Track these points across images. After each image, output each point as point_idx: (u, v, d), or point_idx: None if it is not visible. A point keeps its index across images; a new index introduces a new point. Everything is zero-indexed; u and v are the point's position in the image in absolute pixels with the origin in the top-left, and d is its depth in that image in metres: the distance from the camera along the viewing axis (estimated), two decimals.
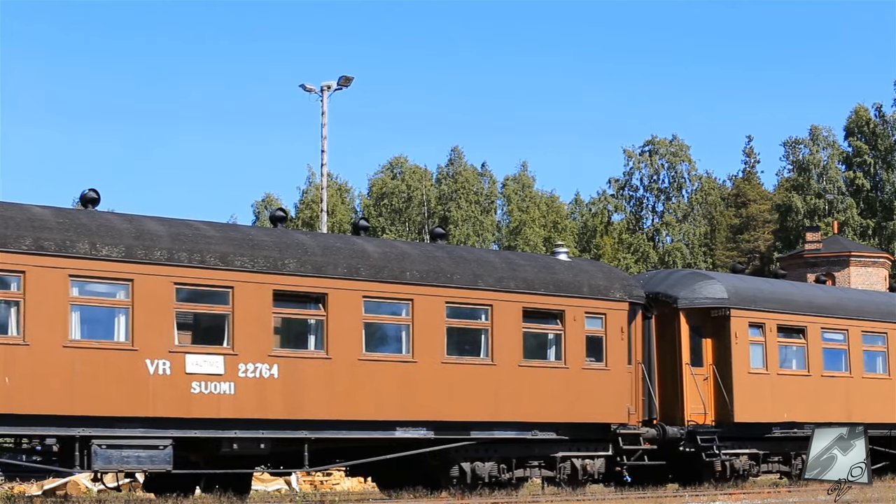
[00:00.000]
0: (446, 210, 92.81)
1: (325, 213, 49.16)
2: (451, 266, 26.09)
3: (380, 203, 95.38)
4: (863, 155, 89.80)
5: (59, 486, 32.00)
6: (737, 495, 27.28)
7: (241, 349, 23.35)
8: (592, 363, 27.64)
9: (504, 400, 26.27)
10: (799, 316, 31.37)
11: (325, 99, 46.88)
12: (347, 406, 24.42)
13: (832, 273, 69.59)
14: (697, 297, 29.90)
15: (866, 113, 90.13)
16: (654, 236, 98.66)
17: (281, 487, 32.99)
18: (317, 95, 47.12)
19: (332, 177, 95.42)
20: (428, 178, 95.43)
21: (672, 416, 29.46)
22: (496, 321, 26.32)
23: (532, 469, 27.05)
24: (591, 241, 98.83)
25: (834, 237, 74.51)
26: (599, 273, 28.40)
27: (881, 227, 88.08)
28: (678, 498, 26.33)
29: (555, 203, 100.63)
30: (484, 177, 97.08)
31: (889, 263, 71.98)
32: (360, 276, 24.79)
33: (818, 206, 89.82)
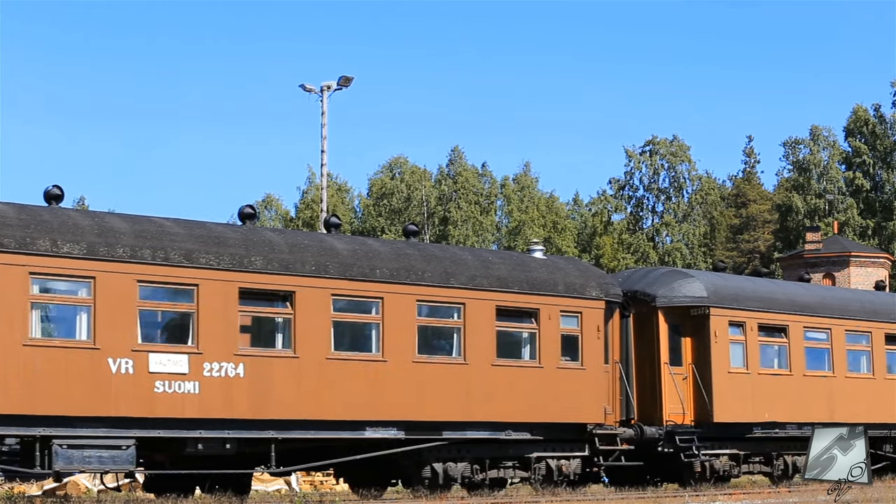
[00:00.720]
0: (446, 210, 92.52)
1: (325, 213, 49.01)
2: (423, 264, 25.72)
3: (379, 203, 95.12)
4: (862, 155, 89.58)
5: (59, 486, 31.67)
6: (737, 495, 27.06)
7: (206, 348, 22.98)
8: (568, 362, 27.25)
9: (477, 400, 25.90)
10: (780, 315, 30.93)
11: (325, 99, 46.93)
12: (315, 406, 24.05)
13: (832, 273, 69.45)
14: (676, 295, 29.48)
15: (866, 113, 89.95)
16: (654, 236, 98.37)
17: (281, 487, 32.74)
18: (317, 95, 47.24)
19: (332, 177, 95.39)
20: (427, 178, 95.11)
21: (650, 417, 29.05)
22: (468, 320, 25.95)
23: (506, 470, 26.67)
24: (591, 241, 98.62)
25: (834, 237, 74.39)
26: (575, 271, 28.01)
27: (881, 227, 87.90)
28: (678, 498, 26.10)
29: (555, 203, 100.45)
30: (484, 177, 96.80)
31: (889, 263, 71.86)
32: (329, 274, 24.43)
33: (818, 206, 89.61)
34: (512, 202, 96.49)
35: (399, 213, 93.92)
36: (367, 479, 26.34)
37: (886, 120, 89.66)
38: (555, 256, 29.39)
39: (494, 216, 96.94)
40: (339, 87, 46.92)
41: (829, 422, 31.33)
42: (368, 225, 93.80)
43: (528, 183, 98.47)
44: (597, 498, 26.62)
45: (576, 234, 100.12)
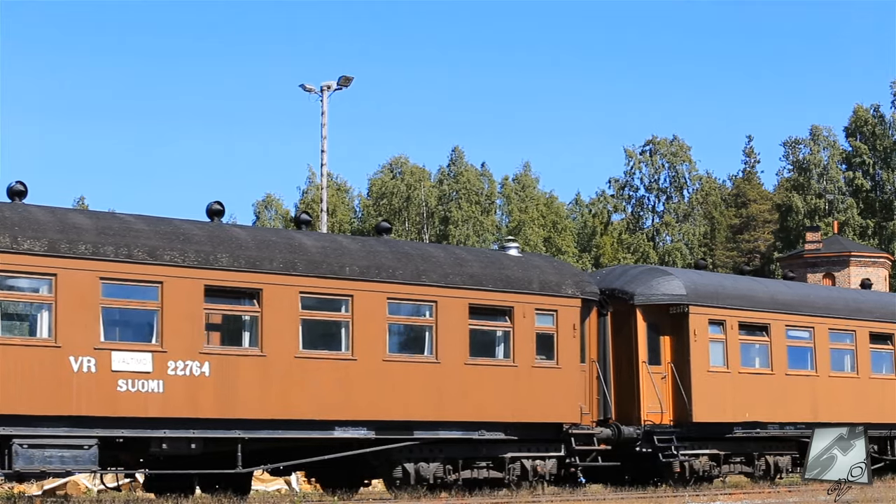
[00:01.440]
0: (446, 210, 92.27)
1: (325, 213, 48.99)
2: (394, 261, 25.37)
3: (379, 203, 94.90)
4: (863, 155, 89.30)
5: (59, 486, 31.71)
6: (737, 495, 26.82)
7: (171, 346, 22.63)
8: (543, 361, 26.88)
9: (449, 399, 25.54)
10: (762, 313, 30.50)
11: (325, 99, 46.82)
12: (283, 405, 23.69)
13: (832, 273, 69.32)
14: (654, 293, 29.07)
15: (866, 113, 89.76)
16: (654, 236, 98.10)
17: (281, 487, 32.56)
18: (317, 95, 47.13)
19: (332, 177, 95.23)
20: (427, 178, 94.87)
21: (628, 416, 28.67)
22: (441, 318, 25.59)
23: (480, 470, 26.29)
24: (591, 241, 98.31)
25: (834, 237, 74.35)
26: (550, 268, 27.63)
27: (881, 227, 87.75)
28: (678, 498, 25.84)
29: (555, 203, 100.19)
30: (484, 177, 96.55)
31: (889, 263, 71.78)
32: (297, 272, 24.08)
33: (818, 206, 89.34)
34: (512, 202, 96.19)
35: (399, 213, 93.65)
36: (338, 480, 25.99)
37: (886, 120, 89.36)
38: (530, 254, 28.98)
39: (495, 216, 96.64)
40: (339, 87, 46.85)
41: (813, 422, 31.04)
42: (368, 225, 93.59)
43: (528, 183, 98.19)
44: (597, 498, 26.38)
45: (576, 234, 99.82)
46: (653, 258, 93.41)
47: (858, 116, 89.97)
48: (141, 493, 27.92)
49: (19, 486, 31.18)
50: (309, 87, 47.03)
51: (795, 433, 30.97)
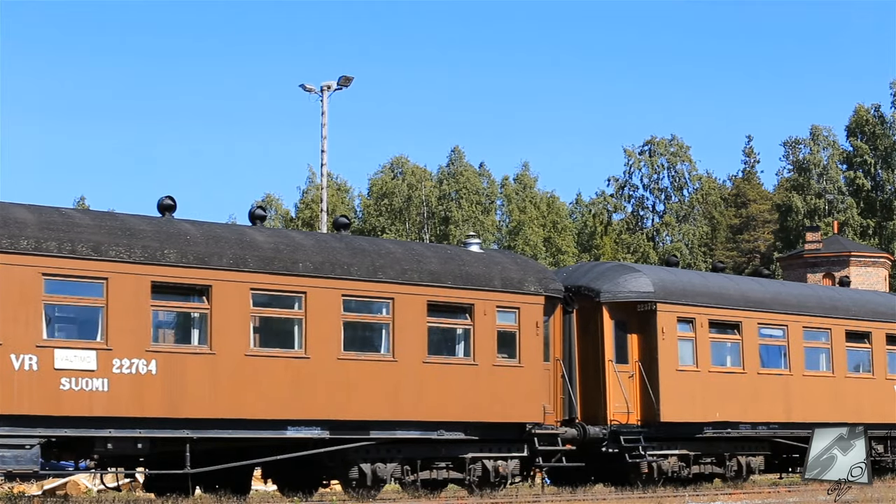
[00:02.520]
0: (446, 210, 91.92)
1: (325, 213, 48.85)
2: (349, 257, 24.84)
3: (380, 203, 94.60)
4: (863, 155, 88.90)
5: (59, 486, 31.68)
6: (737, 495, 26.53)
7: (116, 344, 22.11)
8: (505, 360, 26.32)
9: (406, 398, 24.99)
10: (733, 311, 29.87)
11: (325, 99, 46.78)
12: (233, 404, 23.16)
13: (832, 273, 69.06)
14: (621, 290, 28.46)
15: (867, 113, 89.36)
16: (654, 236, 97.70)
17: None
18: (317, 95, 47.11)
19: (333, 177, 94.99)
20: (428, 178, 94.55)
21: (594, 416, 28.09)
22: (398, 315, 25.05)
23: (439, 471, 25.75)
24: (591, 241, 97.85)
25: (834, 237, 74.24)
26: (513, 265, 27.07)
27: (881, 227, 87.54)
28: (678, 498, 25.54)
29: (555, 203, 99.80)
30: (483, 177, 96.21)
31: (889, 263, 71.64)
32: (248, 268, 23.55)
33: (818, 206, 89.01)
34: (512, 202, 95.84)
35: (400, 213, 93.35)
36: (295, 481, 25.49)
37: (886, 120, 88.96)
38: (493, 250, 28.42)
39: (495, 216, 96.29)
40: (339, 87, 46.82)
41: (786, 421, 30.51)
42: (369, 225, 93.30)
43: (527, 182, 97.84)
44: (597, 498, 26.02)
45: (576, 234, 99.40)
46: (653, 258, 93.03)
47: (859, 116, 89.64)
48: (141, 493, 27.78)
49: (19, 486, 31.31)
50: (309, 87, 47.03)
51: (768, 433, 30.40)
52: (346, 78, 46.66)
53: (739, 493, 27.47)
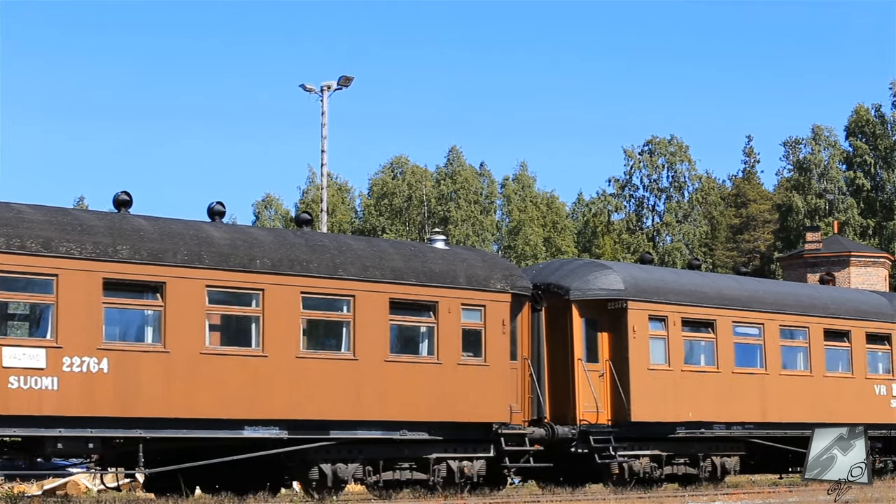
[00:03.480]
0: (446, 210, 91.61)
1: (325, 213, 48.76)
2: (308, 254, 24.38)
3: (380, 203, 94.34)
4: (863, 155, 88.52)
5: (59, 486, 31.63)
6: (737, 495, 26.27)
7: (66, 342, 21.67)
8: (470, 358, 25.86)
9: (367, 397, 24.54)
10: (707, 309, 29.32)
11: (325, 99, 46.73)
12: (188, 403, 22.72)
13: (832, 273, 68.75)
14: (591, 288, 27.94)
15: (867, 113, 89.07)
16: (654, 236, 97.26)
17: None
18: (317, 95, 47.07)
19: (333, 177, 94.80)
20: (428, 178, 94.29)
21: (564, 416, 27.58)
22: (359, 313, 24.59)
23: (402, 471, 25.29)
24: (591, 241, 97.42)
25: (834, 237, 73.93)
26: (479, 262, 26.59)
27: (881, 227, 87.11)
28: (678, 498, 25.32)
29: (555, 203, 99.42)
30: (483, 177, 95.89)
31: (889, 263, 71.31)
32: (204, 264, 23.10)
33: (818, 206, 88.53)
34: (512, 202, 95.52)
35: (400, 213, 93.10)
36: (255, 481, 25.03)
37: (887, 120, 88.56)
38: (458, 247, 27.94)
39: (494, 216, 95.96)
40: (339, 87, 46.76)
41: (762, 422, 29.99)
42: (369, 224, 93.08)
43: (527, 182, 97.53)
44: (597, 498, 25.73)
45: (576, 234, 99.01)
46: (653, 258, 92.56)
47: (859, 116, 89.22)
48: (141, 493, 27.65)
49: (19, 486, 31.23)
50: (309, 87, 46.96)
51: (743, 433, 29.86)
52: (346, 78, 46.65)
53: (739, 493, 27.20)
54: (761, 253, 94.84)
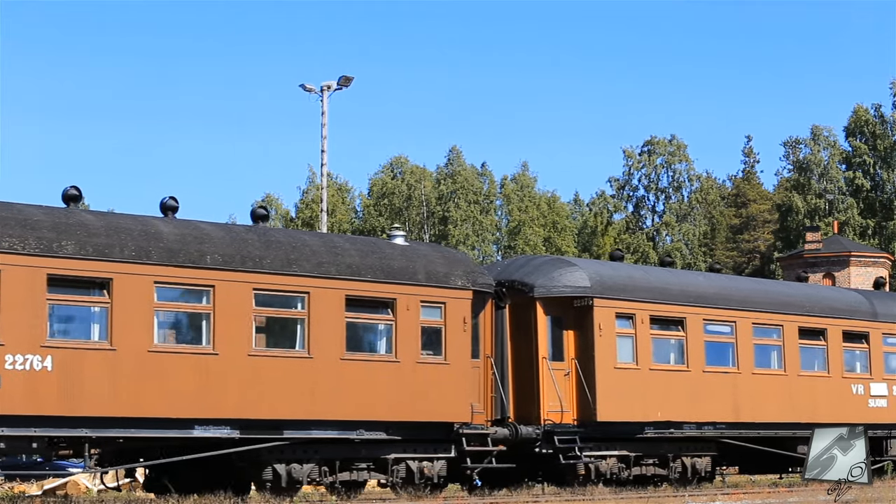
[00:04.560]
0: (446, 210, 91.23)
1: (325, 213, 48.69)
2: (261, 250, 23.87)
3: (380, 203, 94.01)
4: (863, 155, 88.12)
5: (59, 486, 31.56)
6: (737, 495, 26.02)
7: (8, 339, 21.19)
8: (429, 357, 25.34)
9: (323, 396, 24.02)
10: (677, 306, 28.70)
11: (325, 99, 46.71)
12: (135, 402, 22.21)
13: (832, 273, 68.43)
14: (556, 285, 27.37)
15: (866, 113, 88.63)
16: (654, 236, 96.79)
17: None
18: (317, 95, 47.06)
19: (333, 177, 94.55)
20: (428, 178, 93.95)
21: (528, 415, 27.01)
22: (314, 310, 24.07)
23: (360, 472, 24.77)
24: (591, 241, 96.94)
25: (834, 237, 73.66)
26: (439, 258, 26.05)
27: (881, 227, 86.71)
28: (678, 498, 25.07)
29: (555, 203, 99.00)
30: (483, 177, 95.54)
31: (889, 263, 71.01)
32: (152, 260, 22.61)
33: (818, 206, 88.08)
34: (512, 202, 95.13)
35: (400, 213, 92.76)
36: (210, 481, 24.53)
37: (887, 120, 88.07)
38: (418, 243, 27.39)
39: (494, 216, 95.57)
40: (339, 87, 46.71)
41: (734, 421, 29.42)
42: (369, 225, 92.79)
43: (527, 182, 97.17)
44: (597, 498, 25.40)
45: (576, 233, 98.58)
46: (653, 258, 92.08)
47: (859, 116, 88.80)
48: (141, 493, 27.50)
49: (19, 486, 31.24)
50: (309, 87, 46.90)
51: (714, 433, 29.24)
52: (346, 78, 46.58)
53: (739, 493, 26.94)
54: (761, 253, 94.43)
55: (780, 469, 32.07)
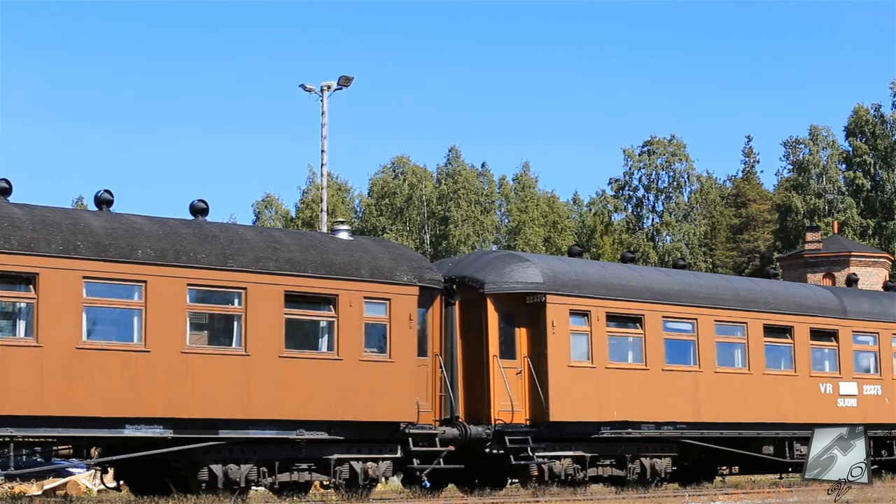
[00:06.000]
0: (446, 210, 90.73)
1: (325, 213, 48.47)
2: (196, 244, 23.21)
3: (380, 203, 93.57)
4: (863, 155, 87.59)
5: (59, 486, 31.44)
6: (737, 495, 25.73)
7: None
8: (373, 354, 24.67)
9: (260, 395, 23.35)
10: (635, 303, 27.93)
11: (325, 99, 46.55)
12: (62, 401, 21.57)
13: (832, 273, 67.99)
14: (507, 281, 26.64)
15: (866, 113, 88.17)
16: (654, 236, 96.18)
17: None
18: (317, 95, 46.92)
19: (333, 177, 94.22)
20: (428, 177, 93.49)
21: (478, 415, 26.30)
22: (251, 306, 23.41)
23: (301, 473, 24.10)
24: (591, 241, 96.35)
25: (834, 237, 73.24)
26: (384, 254, 25.36)
27: (881, 227, 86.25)
28: (678, 498, 24.78)
29: (555, 203, 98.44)
30: (483, 177, 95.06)
31: (889, 263, 70.57)
32: (80, 255, 21.96)
33: (818, 206, 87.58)
34: (512, 202, 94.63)
35: (400, 213, 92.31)
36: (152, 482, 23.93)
37: (886, 120, 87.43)
38: (364, 237, 26.68)
39: (494, 216, 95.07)
40: (339, 87, 46.47)
41: (695, 421, 28.70)
42: (370, 225, 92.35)
43: (527, 182, 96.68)
44: (597, 498, 25.05)
45: (576, 233, 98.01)
46: (653, 258, 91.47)
47: (858, 116, 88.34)
48: None
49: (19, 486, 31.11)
50: (309, 87, 46.71)
51: (675, 433, 28.47)
52: (346, 78, 46.33)
53: (739, 493, 26.62)
54: (761, 253, 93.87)
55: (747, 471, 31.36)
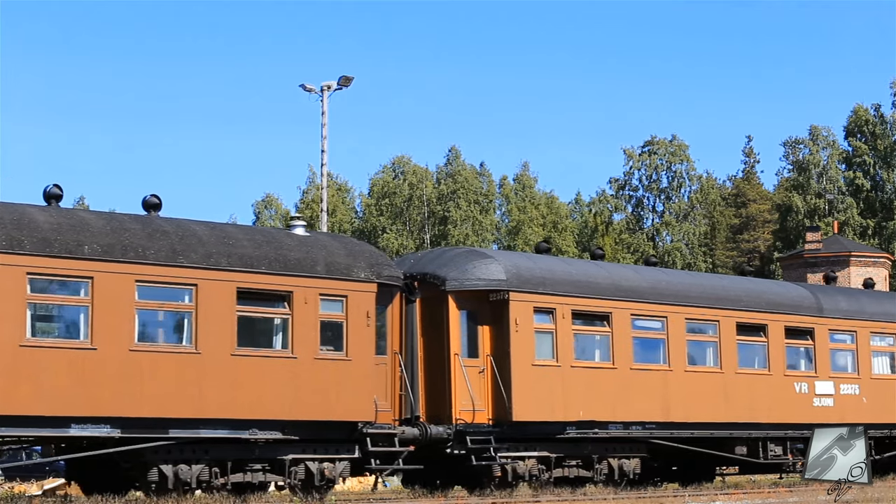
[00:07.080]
0: (446, 210, 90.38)
1: (326, 213, 48.44)
2: (144, 240, 22.74)
3: (380, 203, 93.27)
4: (863, 155, 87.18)
5: (59, 486, 31.34)
6: (737, 495, 25.54)
7: None
8: (329, 352, 24.17)
9: (212, 394, 22.88)
10: (602, 301, 27.37)
11: (325, 99, 46.57)
12: (6, 399, 21.11)
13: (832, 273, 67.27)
14: (469, 278, 26.11)
15: (866, 113, 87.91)
16: (654, 236, 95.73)
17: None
18: (317, 95, 46.94)
19: (333, 177, 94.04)
20: (429, 177, 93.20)
21: (439, 415, 25.79)
22: (202, 303, 22.93)
23: (254, 473, 23.61)
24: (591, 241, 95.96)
25: (834, 237, 72.75)
26: (340, 250, 24.86)
27: (881, 227, 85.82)
28: (678, 498, 24.60)
29: (555, 203, 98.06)
30: (483, 177, 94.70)
31: (889, 263, 70.04)
32: (24, 250, 21.50)
33: (818, 206, 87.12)
34: (512, 202, 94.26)
35: (400, 213, 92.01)
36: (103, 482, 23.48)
37: (886, 120, 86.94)
38: (320, 233, 26.19)
39: (494, 215, 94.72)
40: (339, 87, 46.49)
41: (664, 421, 28.16)
42: (370, 224, 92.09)
43: (527, 182, 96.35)
44: (596, 498, 24.81)
45: (576, 233, 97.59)
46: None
47: (858, 116, 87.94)
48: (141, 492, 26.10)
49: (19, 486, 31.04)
50: (309, 87, 46.70)
51: (643, 433, 27.93)
52: (346, 78, 46.30)
53: (739, 493, 26.43)
54: (761, 253, 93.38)
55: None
